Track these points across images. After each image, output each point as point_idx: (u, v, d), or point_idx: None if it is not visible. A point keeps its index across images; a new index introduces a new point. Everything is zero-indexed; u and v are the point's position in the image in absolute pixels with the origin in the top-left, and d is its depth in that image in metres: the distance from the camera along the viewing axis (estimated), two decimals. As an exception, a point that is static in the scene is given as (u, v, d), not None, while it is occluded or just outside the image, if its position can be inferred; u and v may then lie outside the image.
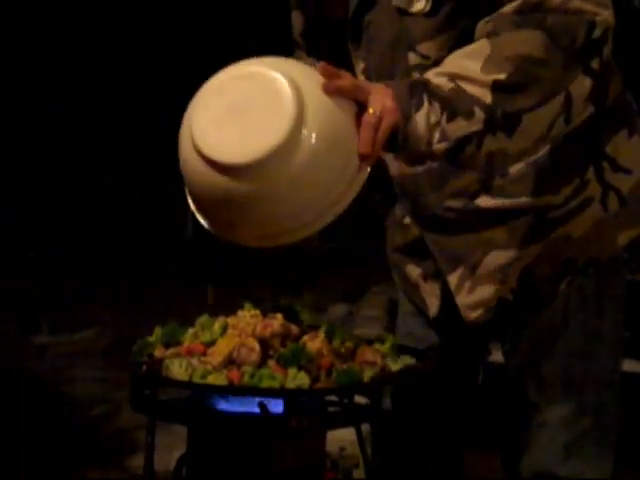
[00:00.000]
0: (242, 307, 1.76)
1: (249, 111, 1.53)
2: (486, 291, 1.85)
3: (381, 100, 1.57)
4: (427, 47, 1.75)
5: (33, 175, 7.44)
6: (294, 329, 1.70)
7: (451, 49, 1.70)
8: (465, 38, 1.69)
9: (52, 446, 3.45)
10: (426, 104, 1.58)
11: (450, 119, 1.59)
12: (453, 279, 1.87)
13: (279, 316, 1.71)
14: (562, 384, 1.87)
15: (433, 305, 1.95)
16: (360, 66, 1.84)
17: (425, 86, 1.60)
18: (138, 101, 7.73)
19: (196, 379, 1.59)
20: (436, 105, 1.59)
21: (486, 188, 1.82)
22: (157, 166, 7.72)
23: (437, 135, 1.60)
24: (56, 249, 6.78)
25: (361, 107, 1.56)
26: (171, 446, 2.11)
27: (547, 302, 1.86)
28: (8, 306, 5.47)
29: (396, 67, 1.80)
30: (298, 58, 1.96)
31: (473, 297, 1.86)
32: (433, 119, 1.59)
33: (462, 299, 1.87)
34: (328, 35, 1.88)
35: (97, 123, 7.78)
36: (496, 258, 1.84)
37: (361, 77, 1.84)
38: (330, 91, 1.54)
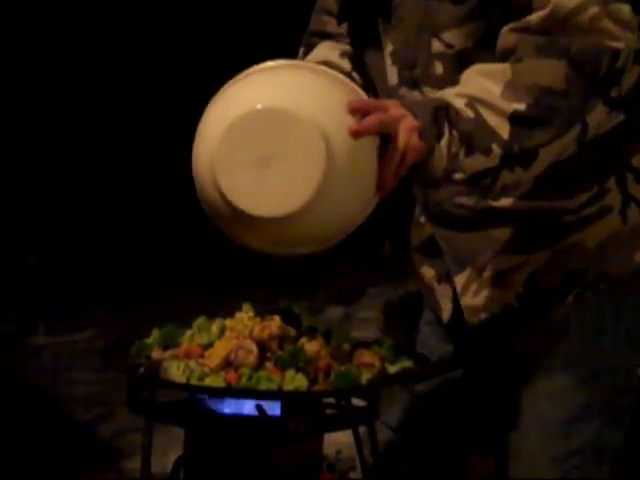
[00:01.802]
0: (240, 309, 1.76)
1: (278, 161, 1.52)
2: (491, 294, 1.83)
3: (407, 136, 1.55)
4: (452, 35, 1.72)
5: (33, 175, 7.44)
6: (292, 331, 1.70)
7: (477, 40, 1.69)
8: (493, 29, 1.67)
9: (48, 447, 3.45)
10: (447, 134, 1.57)
11: (468, 154, 1.59)
12: (460, 280, 1.85)
13: (277, 318, 1.71)
14: (555, 394, 1.83)
15: (446, 308, 1.92)
16: (389, 48, 1.82)
17: (447, 112, 1.58)
18: (138, 101, 7.73)
19: (194, 381, 1.59)
20: (456, 136, 1.58)
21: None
22: (157, 166, 7.72)
23: (454, 166, 1.60)
24: (55, 249, 6.78)
25: (385, 137, 1.55)
26: (168, 448, 2.11)
27: (551, 311, 1.83)
28: (5, 306, 5.47)
29: (419, 53, 1.77)
30: (314, 48, 1.97)
31: (478, 299, 1.84)
32: (453, 150, 1.58)
33: (467, 301, 1.85)
34: (360, 15, 1.85)
35: (97, 123, 7.78)
36: (504, 261, 1.81)
37: (389, 60, 1.82)
38: (359, 136, 1.53)
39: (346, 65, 1.94)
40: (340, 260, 6.77)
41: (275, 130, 1.52)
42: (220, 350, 1.64)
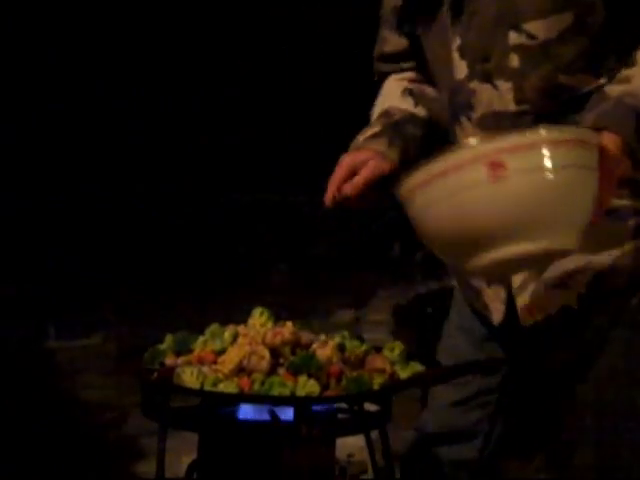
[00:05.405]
0: (251, 315, 1.77)
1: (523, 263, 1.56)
2: (550, 295, 1.79)
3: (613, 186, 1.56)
4: (536, 26, 1.70)
5: (36, 179, 7.45)
6: (304, 337, 1.71)
7: (563, 32, 1.68)
8: (584, 21, 1.67)
9: (61, 452, 3.45)
10: None
11: None
12: (517, 279, 1.81)
13: (289, 324, 1.72)
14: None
15: (497, 311, 1.87)
16: (456, 43, 1.80)
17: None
18: (139, 102, 7.73)
19: (207, 387, 1.61)
20: None
21: None
22: (159, 168, 7.73)
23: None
24: (65, 255, 6.79)
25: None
26: (180, 451, 2.12)
27: (615, 313, 1.80)
28: (16, 311, 5.48)
29: (495, 46, 1.75)
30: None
31: (535, 300, 1.80)
32: None
33: (523, 301, 1.81)
34: (424, 9, 1.83)
35: (98, 125, 7.79)
36: (566, 262, 1.75)
37: (456, 54, 1.80)
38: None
39: (408, 105, 1.94)
40: (350, 263, 6.79)
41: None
42: (233, 356, 1.65)
